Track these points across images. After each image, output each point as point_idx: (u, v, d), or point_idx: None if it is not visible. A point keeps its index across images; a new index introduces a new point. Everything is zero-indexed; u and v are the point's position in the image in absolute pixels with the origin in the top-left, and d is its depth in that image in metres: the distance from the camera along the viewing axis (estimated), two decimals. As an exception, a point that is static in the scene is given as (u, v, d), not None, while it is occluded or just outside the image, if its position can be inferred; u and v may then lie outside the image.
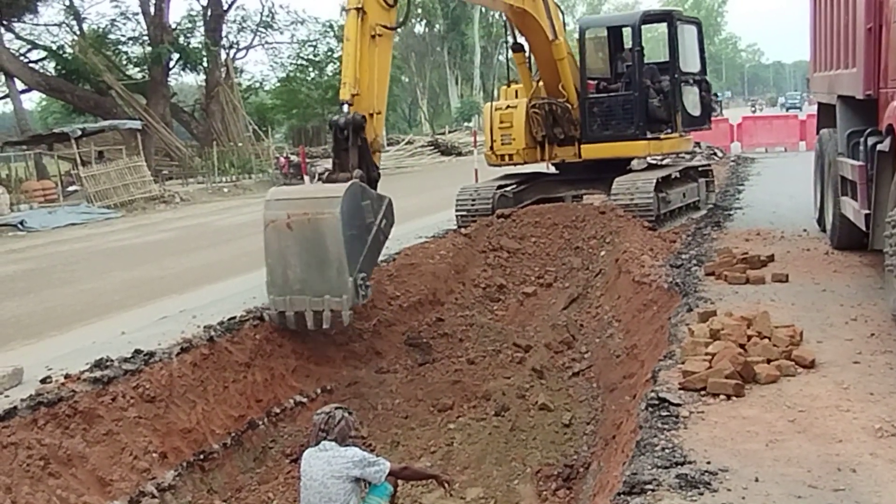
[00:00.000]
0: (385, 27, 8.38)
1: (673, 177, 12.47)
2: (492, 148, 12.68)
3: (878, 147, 6.59)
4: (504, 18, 12.64)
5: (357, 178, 7.74)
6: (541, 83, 12.35)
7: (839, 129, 8.29)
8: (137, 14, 37.99)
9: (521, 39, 12.18)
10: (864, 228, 7.23)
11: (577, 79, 12.17)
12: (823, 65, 9.49)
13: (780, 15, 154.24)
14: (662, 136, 12.21)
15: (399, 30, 9.14)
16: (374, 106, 8.30)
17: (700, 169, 14.06)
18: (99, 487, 5.47)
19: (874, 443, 3.99)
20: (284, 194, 7.97)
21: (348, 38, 8.12)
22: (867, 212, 6.97)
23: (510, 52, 12.74)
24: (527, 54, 12.35)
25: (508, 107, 12.63)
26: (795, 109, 49.27)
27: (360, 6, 8.04)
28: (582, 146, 12.20)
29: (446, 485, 5.55)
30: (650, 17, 13.08)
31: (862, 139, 7.29)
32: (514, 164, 12.90)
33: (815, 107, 11.05)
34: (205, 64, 38.81)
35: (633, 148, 12.11)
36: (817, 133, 10.35)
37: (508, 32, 12.76)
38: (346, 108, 7.95)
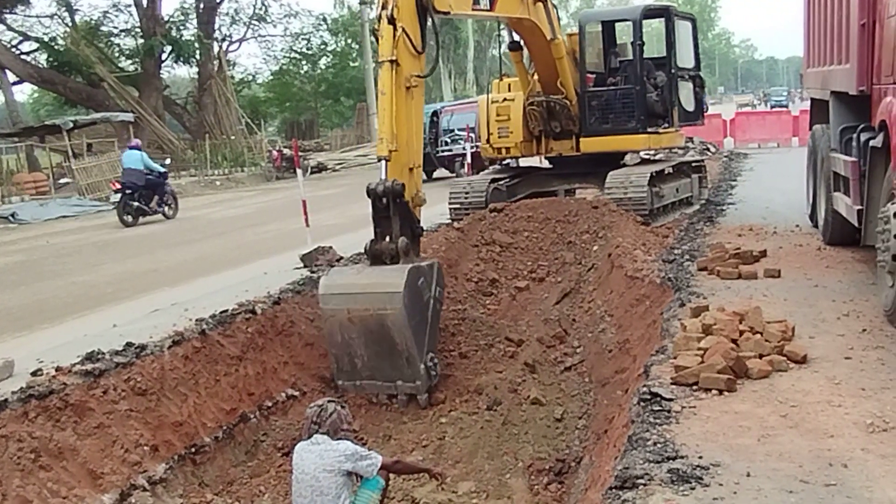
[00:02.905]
0: (418, 77, 8.23)
1: (666, 172, 12.47)
2: (488, 141, 12.57)
3: (871, 143, 6.61)
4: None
5: (402, 248, 7.51)
6: (535, 77, 12.29)
7: (832, 124, 8.31)
8: (130, 6, 38.01)
9: (516, 37, 12.09)
10: (856, 224, 7.24)
11: (576, 75, 12.13)
12: (817, 61, 9.50)
13: (775, 10, 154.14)
14: (661, 130, 12.22)
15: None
16: (412, 160, 8.15)
17: (693, 164, 14.07)
18: (90, 480, 5.45)
19: (866, 438, 4.00)
20: (340, 287, 7.53)
21: (383, 91, 7.89)
22: (859, 208, 6.99)
23: (506, 49, 12.64)
24: (523, 52, 12.29)
25: (505, 99, 12.54)
26: (781, 108, 41.73)
27: (394, 58, 7.84)
28: (581, 140, 12.16)
29: (438, 478, 5.56)
30: (651, 12, 13.08)
31: (855, 135, 7.31)
32: (512, 157, 12.82)
33: (804, 103, 11.05)
34: (197, 56, 38.77)
35: (633, 142, 12.09)
36: (810, 129, 10.36)
37: (504, 30, 12.66)
38: (383, 163, 7.76)
